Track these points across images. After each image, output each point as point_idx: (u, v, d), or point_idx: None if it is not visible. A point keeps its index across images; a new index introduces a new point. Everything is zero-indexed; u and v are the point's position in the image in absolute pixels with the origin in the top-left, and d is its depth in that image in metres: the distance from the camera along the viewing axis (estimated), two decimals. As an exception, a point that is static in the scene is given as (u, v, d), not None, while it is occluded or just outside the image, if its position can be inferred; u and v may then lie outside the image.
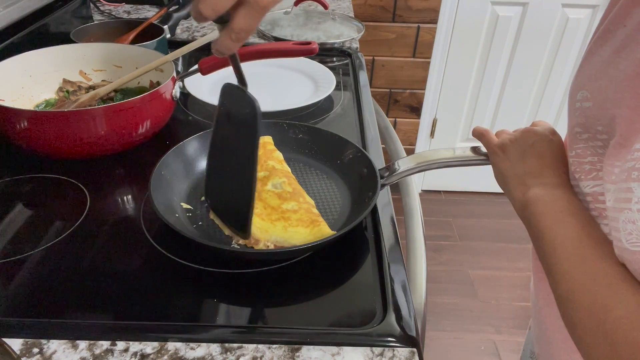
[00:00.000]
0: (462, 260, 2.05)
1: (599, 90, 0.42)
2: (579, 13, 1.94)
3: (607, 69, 0.41)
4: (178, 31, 1.26)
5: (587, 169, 0.45)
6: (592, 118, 0.42)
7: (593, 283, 0.39)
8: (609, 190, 0.39)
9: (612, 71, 0.40)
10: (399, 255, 0.60)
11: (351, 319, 0.52)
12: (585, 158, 0.45)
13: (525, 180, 0.53)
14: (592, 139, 0.44)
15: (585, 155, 0.45)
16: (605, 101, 0.41)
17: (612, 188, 0.39)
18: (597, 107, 0.42)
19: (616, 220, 0.37)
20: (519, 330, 1.76)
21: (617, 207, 0.37)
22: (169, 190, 0.65)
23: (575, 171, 0.47)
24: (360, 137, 0.86)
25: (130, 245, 0.61)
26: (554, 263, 0.43)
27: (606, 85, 0.41)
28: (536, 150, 0.55)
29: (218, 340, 0.48)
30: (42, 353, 0.47)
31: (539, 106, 2.17)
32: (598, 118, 0.42)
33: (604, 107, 0.41)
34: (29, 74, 0.85)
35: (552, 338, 0.55)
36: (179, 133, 0.86)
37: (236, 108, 0.55)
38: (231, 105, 0.56)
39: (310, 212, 0.62)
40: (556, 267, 0.43)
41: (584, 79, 0.45)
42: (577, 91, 0.45)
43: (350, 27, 1.32)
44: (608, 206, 0.39)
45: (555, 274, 0.43)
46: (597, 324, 0.37)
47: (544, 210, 0.48)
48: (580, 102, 0.44)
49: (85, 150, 0.72)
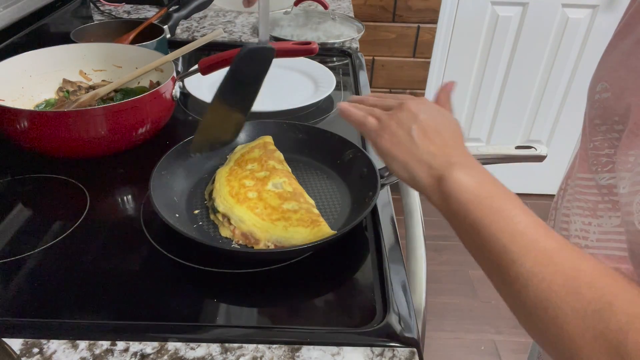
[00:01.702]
0: (462, 260, 2.05)
1: (617, 81, 0.42)
2: (579, 13, 1.94)
3: (627, 60, 0.41)
4: (178, 31, 1.26)
5: (604, 162, 0.45)
6: (610, 109, 0.43)
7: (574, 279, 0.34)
8: (624, 179, 0.38)
9: (632, 61, 0.41)
10: (399, 255, 0.60)
11: (351, 319, 0.52)
12: (603, 150, 0.45)
13: (431, 163, 0.45)
14: (609, 130, 0.44)
15: (603, 148, 0.45)
16: (624, 91, 0.41)
17: (627, 176, 0.37)
18: (615, 97, 0.42)
19: (630, 204, 0.35)
20: (519, 330, 1.75)
21: (632, 191, 0.36)
22: (169, 190, 0.65)
23: (592, 163, 0.47)
24: (360, 137, 0.86)
25: (130, 245, 0.61)
26: (510, 263, 0.37)
27: (625, 75, 0.41)
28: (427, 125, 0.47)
29: (218, 340, 0.48)
30: (42, 353, 0.47)
31: (539, 106, 2.17)
32: (615, 108, 0.42)
33: (622, 97, 0.41)
34: (29, 74, 0.85)
35: None
36: (179, 133, 0.86)
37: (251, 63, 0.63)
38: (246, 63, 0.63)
39: (310, 212, 0.62)
40: (516, 268, 0.37)
41: (603, 71, 0.45)
42: (596, 83, 0.45)
43: (350, 27, 1.32)
44: (622, 193, 0.37)
45: (516, 277, 0.37)
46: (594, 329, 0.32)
47: (472, 198, 0.41)
48: (599, 94, 0.45)
49: (85, 150, 0.72)
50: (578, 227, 0.49)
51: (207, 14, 1.43)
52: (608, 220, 0.43)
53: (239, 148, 0.74)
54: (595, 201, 0.46)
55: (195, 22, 1.36)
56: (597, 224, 0.46)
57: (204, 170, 0.72)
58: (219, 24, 1.36)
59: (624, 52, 0.43)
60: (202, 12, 1.42)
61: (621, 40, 0.44)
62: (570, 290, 0.34)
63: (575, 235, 0.49)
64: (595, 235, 0.47)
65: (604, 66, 0.45)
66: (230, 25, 1.35)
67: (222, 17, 1.41)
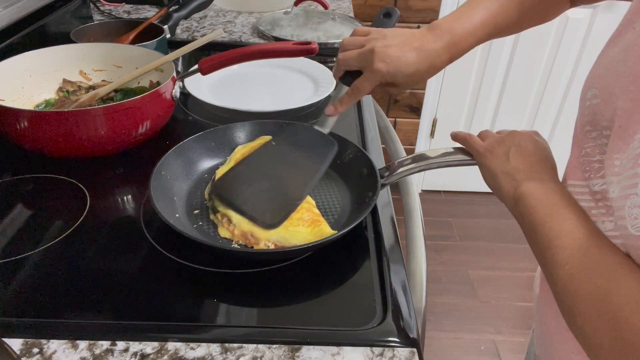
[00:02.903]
0: (462, 260, 2.05)
1: (606, 87, 0.43)
2: (579, 13, 1.94)
3: (616, 67, 0.43)
4: (178, 31, 1.26)
5: (596, 168, 0.46)
6: (600, 114, 0.44)
7: (592, 271, 0.39)
8: (612, 183, 0.40)
9: (619, 67, 0.42)
10: (399, 255, 0.60)
11: (351, 319, 0.52)
12: (594, 157, 0.46)
13: (514, 176, 0.53)
14: (599, 136, 0.45)
15: (594, 154, 0.46)
16: (611, 96, 0.42)
17: (615, 180, 0.39)
18: (604, 102, 0.43)
19: (622, 208, 0.37)
20: (519, 330, 1.76)
21: (622, 195, 0.37)
22: (169, 190, 0.65)
23: (585, 170, 0.48)
24: (360, 137, 0.86)
25: (130, 245, 0.61)
26: (550, 255, 0.43)
27: (613, 81, 0.42)
28: (523, 149, 0.56)
29: (218, 340, 0.48)
30: (42, 353, 0.47)
31: (539, 106, 2.17)
32: (604, 114, 0.43)
33: (609, 102, 0.42)
34: (29, 74, 0.85)
35: (554, 340, 0.55)
36: (179, 133, 0.86)
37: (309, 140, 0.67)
38: (298, 137, 0.68)
39: (311, 212, 0.62)
40: (553, 259, 0.43)
41: (594, 78, 0.46)
42: (587, 90, 0.47)
43: (350, 27, 1.32)
44: (613, 197, 0.39)
45: (552, 266, 0.43)
46: (599, 311, 0.37)
47: (537, 204, 0.48)
48: (589, 101, 0.46)
49: (85, 150, 0.72)
50: None
51: (207, 14, 1.43)
52: (602, 225, 0.44)
53: (239, 148, 0.74)
54: (588, 207, 0.46)
55: (195, 22, 1.36)
56: None
57: (204, 170, 0.72)
58: (219, 24, 1.36)
59: (612, 59, 0.44)
60: (202, 12, 1.42)
61: (611, 49, 0.45)
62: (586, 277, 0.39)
63: None
64: None
65: (594, 73, 0.47)
66: (230, 25, 1.35)
67: (222, 17, 1.41)
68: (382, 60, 0.59)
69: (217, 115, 0.91)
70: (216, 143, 0.74)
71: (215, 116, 0.91)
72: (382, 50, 0.59)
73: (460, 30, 0.60)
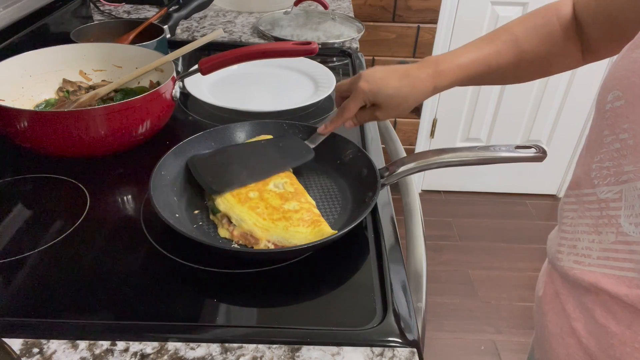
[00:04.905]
0: (462, 260, 2.05)
1: (631, 87, 0.43)
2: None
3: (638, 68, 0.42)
4: (178, 31, 1.26)
5: (604, 174, 0.46)
6: (622, 116, 0.43)
7: None
8: None
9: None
10: (399, 255, 0.60)
11: (351, 319, 0.52)
12: (604, 163, 0.46)
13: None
14: (614, 141, 0.44)
15: (605, 160, 0.46)
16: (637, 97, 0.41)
17: None
18: (629, 103, 0.43)
19: None
20: (519, 330, 1.76)
21: None
22: (169, 190, 0.65)
23: (595, 177, 0.48)
24: (360, 137, 0.86)
25: (130, 245, 0.61)
26: None
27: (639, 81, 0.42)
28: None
29: (218, 340, 0.48)
30: (42, 353, 0.47)
31: (539, 106, 2.17)
32: (627, 115, 0.42)
33: (636, 104, 0.42)
34: (29, 74, 0.85)
35: (554, 344, 0.54)
36: (179, 133, 0.86)
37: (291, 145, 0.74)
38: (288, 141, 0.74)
39: (311, 212, 0.62)
40: None
41: (613, 81, 0.46)
42: (607, 93, 0.46)
43: (350, 27, 1.32)
44: None
45: None
46: None
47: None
48: (611, 103, 0.45)
49: (85, 150, 0.72)
50: (584, 245, 0.49)
51: (207, 14, 1.43)
52: (606, 236, 0.44)
53: (239, 148, 0.74)
54: (597, 217, 0.46)
55: (195, 22, 1.36)
56: (598, 240, 0.47)
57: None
58: (219, 24, 1.36)
59: (634, 60, 0.43)
60: (202, 12, 1.42)
61: (632, 51, 0.45)
62: None
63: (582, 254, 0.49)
64: (597, 252, 0.47)
65: (615, 76, 0.46)
66: (230, 25, 1.35)
67: (222, 17, 1.41)
68: (366, 80, 0.65)
69: (217, 115, 0.91)
70: (216, 143, 0.74)
71: (215, 116, 0.91)
72: (368, 73, 0.65)
73: (447, 63, 0.65)
